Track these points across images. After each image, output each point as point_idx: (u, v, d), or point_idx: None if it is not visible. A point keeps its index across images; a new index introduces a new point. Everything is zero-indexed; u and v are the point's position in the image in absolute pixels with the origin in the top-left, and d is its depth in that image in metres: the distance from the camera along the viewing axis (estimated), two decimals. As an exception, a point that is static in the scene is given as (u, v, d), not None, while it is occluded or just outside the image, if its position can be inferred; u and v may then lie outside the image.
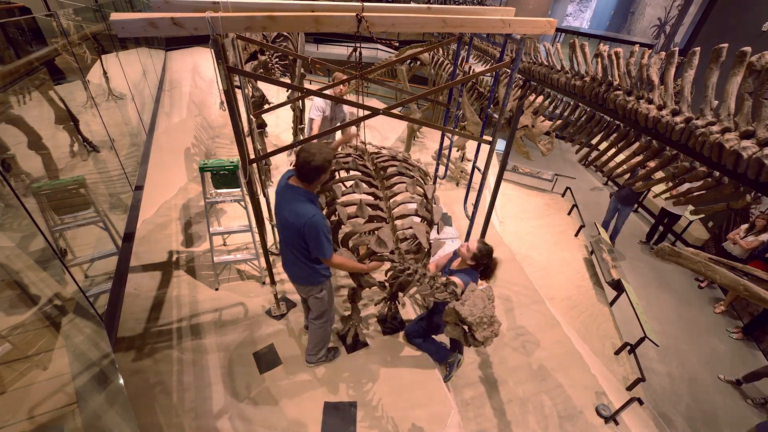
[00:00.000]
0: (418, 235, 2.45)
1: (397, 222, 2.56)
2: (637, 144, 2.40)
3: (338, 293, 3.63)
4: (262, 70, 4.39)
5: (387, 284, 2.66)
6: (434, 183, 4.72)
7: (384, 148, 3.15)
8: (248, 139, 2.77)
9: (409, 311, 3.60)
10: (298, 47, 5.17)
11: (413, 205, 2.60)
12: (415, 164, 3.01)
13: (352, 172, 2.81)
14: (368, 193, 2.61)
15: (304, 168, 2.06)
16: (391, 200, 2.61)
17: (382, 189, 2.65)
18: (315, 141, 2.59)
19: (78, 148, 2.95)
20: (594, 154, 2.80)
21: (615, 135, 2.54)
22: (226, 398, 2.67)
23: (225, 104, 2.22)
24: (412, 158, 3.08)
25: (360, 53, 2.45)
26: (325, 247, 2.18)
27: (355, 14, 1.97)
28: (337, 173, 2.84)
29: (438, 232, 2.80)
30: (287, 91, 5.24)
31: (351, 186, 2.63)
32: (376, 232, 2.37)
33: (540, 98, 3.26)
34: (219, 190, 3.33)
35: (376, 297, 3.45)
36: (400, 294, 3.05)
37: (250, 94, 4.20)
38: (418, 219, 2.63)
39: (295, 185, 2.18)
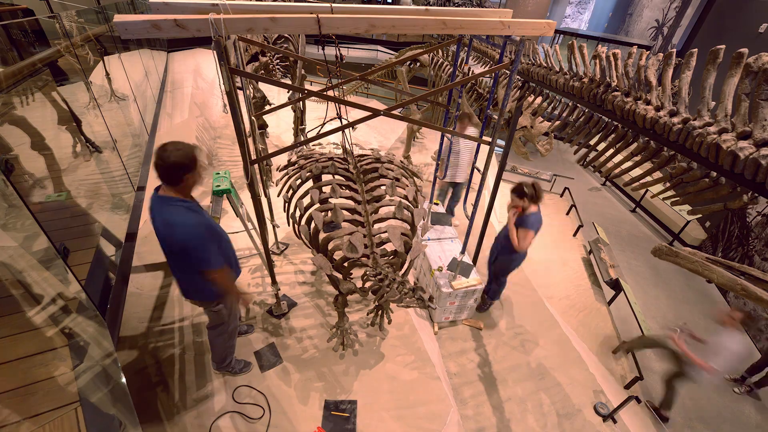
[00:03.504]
0: (392, 238, 2.36)
1: (376, 226, 2.48)
2: (635, 145, 2.43)
3: (326, 298, 3.63)
4: (263, 72, 4.41)
5: (368, 289, 2.55)
6: (434, 183, 4.72)
7: (373, 150, 3.10)
8: (250, 140, 2.78)
9: (410, 312, 3.62)
10: (299, 49, 5.19)
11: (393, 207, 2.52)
12: (399, 164, 2.92)
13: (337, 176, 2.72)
14: (348, 197, 2.54)
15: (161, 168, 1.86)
16: (370, 204, 2.53)
17: (362, 192, 2.58)
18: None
19: (81, 148, 2.98)
20: (592, 154, 2.82)
21: (613, 136, 2.57)
22: (227, 397, 2.69)
23: (227, 106, 2.21)
24: (411, 159, 3.06)
25: (340, 55, 2.40)
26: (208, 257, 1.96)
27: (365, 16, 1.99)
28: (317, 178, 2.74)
29: (422, 235, 2.74)
30: (288, 92, 5.26)
31: (329, 191, 2.54)
32: (349, 236, 2.32)
33: (539, 99, 3.28)
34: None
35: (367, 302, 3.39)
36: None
37: (252, 95, 4.22)
38: (401, 222, 2.56)
39: (164, 195, 1.94)
